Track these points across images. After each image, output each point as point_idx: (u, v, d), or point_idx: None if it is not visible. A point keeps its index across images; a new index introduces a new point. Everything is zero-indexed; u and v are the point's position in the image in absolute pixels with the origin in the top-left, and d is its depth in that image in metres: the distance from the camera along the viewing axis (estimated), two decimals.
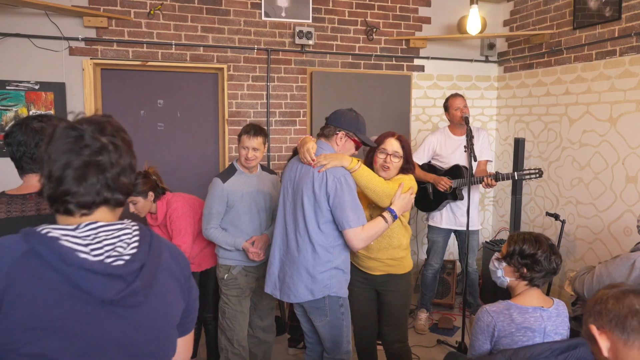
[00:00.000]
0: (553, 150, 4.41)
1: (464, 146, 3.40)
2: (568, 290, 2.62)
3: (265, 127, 4.24)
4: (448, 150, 3.96)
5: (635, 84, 3.63)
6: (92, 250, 0.99)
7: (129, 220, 1.11)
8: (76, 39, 3.82)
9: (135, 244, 1.05)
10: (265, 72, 4.32)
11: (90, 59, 3.88)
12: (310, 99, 4.47)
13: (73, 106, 3.84)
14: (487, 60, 5.03)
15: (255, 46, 4.28)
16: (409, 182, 2.57)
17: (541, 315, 1.87)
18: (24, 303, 0.93)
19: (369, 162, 2.64)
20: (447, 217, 4.00)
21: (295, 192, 2.35)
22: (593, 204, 4.02)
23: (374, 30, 4.60)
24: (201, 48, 4.15)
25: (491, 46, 4.93)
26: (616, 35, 3.76)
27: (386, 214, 2.37)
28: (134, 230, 1.08)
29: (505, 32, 4.89)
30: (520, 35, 4.69)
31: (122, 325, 1.01)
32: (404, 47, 4.73)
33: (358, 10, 4.56)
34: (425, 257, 4.21)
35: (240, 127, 4.28)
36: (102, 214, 1.06)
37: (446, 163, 3.94)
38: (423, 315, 4.12)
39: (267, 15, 4.29)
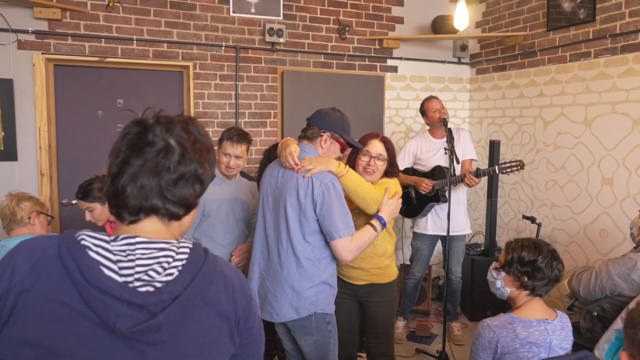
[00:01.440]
0: (527, 153, 4.38)
1: (445, 148, 3.28)
2: (566, 287, 2.54)
3: None
4: (428, 153, 3.85)
5: (610, 86, 3.62)
6: (122, 268, 0.85)
7: (184, 241, 0.94)
8: (26, 32, 3.48)
9: (175, 271, 0.88)
10: (234, 70, 4.10)
11: (42, 53, 3.55)
12: (282, 100, 4.27)
13: (21, 106, 3.50)
14: (459, 62, 4.98)
15: (223, 43, 4.04)
16: (395, 187, 2.42)
17: (546, 329, 1.74)
18: (29, 312, 0.81)
19: (351, 165, 2.48)
20: (434, 222, 3.83)
21: (277, 200, 2.15)
22: (568, 206, 3.99)
23: (347, 29, 4.45)
24: (165, 44, 3.88)
25: (464, 48, 4.88)
26: (590, 37, 3.75)
27: (375, 222, 2.20)
28: (181, 254, 0.90)
29: (477, 34, 4.84)
30: (493, 37, 4.66)
31: None
32: (377, 47, 4.61)
33: (330, 8, 4.40)
34: (407, 264, 4.06)
35: (207, 128, 4.06)
36: (152, 225, 0.93)
37: (427, 166, 3.81)
38: (400, 324, 3.98)
39: (235, 10, 4.07)
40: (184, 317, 0.88)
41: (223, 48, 4.05)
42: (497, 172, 3.55)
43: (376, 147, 2.45)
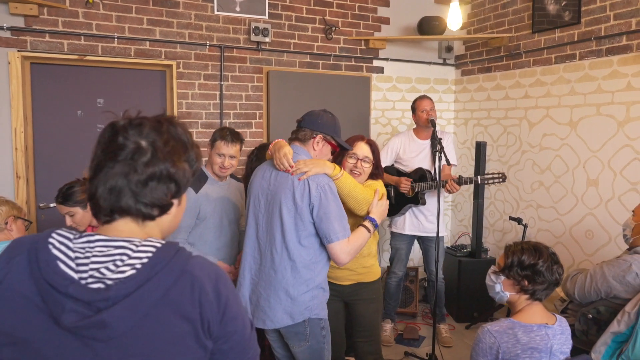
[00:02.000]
0: (513, 154, 4.40)
1: (436, 150, 3.25)
2: (558, 290, 2.53)
3: None
4: (411, 154, 3.84)
5: (595, 88, 3.66)
6: (79, 265, 0.88)
7: (152, 240, 0.93)
8: (0, 29, 3.34)
9: (130, 269, 0.88)
10: (219, 70, 4.01)
11: (18, 51, 3.41)
12: (267, 100, 4.20)
13: None
14: (444, 63, 4.97)
15: (208, 42, 3.95)
16: (381, 189, 2.45)
17: (547, 334, 1.72)
18: (1, 302, 0.87)
19: None
20: (411, 223, 3.86)
21: (271, 204, 2.08)
22: (554, 207, 4.02)
23: (333, 29, 4.40)
24: (147, 42, 3.77)
25: (449, 49, 4.88)
26: (576, 39, 3.78)
27: (367, 224, 2.18)
28: (140, 252, 0.90)
29: (463, 35, 4.85)
30: (479, 39, 4.67)
31: (89, 356, 0.86)
32: (363, 47, 4.57)
33: (316, 7, 4.35)
34: (388, 265, 4.05)
35: (191, 129, 3.96)
36: (125, 226, 0.94)
37: (409, 167, 3.80)
38: (388, 326, 3.95)
39: (220, 9, 3.98)
40: (136, 316, 0.86)
41: (207, 47, 3.96)
42: (479, 182, 3.57)
43: (362, 149, 2.48)
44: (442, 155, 3.24)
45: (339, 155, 2.50)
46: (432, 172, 3.78)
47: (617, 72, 3.50)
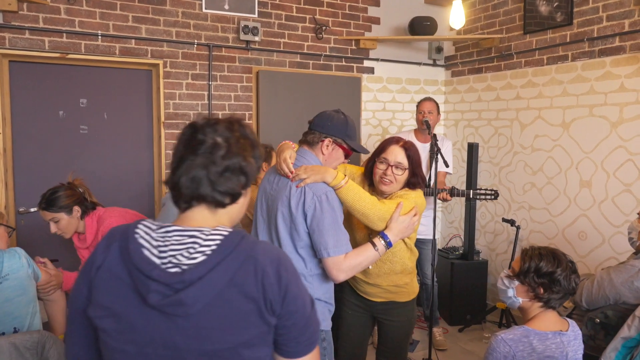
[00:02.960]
0: (504, 155, 4.38)
1: (434, 154, 3.19)
2: None
3: None
4: None
5: (588, 89, 3.65)
6: (161, 252, 1.02)
7: (220, 229, 1.06)
8: None
9: (201, 255, 1.02)
10: (207, 69, 3.89)
11: None
12: (257, 100, 4.09)
13: None
14: (434, 64, 4.94)
15: (195, 41, 3.83)
16: (412, 201, 2.14)
17: (561, 341, 1.66)
18: (103, 283, 1.04)
19: (369, 173, 2.28)
20: None
21: (270, 209, 1.98)
22: (547, 208, 4.01)
23: (324, 28, 4.33)
24: (133, 40, 3.63)
25: (439, 50, 4.85)
26: (568, 40, 3.78)
27: (377, 240, 1.96)
28: (210, 241, 1.04)
29: (453, 36, 4.82)
30: (470, 39, 4.64)
31: (170, 328, 1.01)
32: (354, 47, 4.50)
33: (306, 6, 4.26)
34: None
35: (179, 130, 3.82)
36: (200, 214, 1.09)
37: None
38: None
39: (208, 6, 3.86)
40: (208, 295, 0.99)
41: (195, 46, 3.84)
42: (471, 196, 3.56)
43: (395, 154, 2.17)
44: (439, 157, 3.18)
45: (370, 159, 2.28)
46: (427, 178, 3.74)
47: (610, 73, 3.50)
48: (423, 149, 3.75)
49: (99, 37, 3.52)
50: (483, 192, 3.51)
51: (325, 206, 1.86)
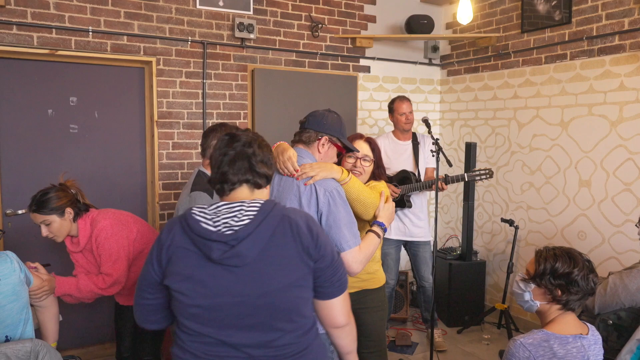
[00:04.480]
0: (502, 155, 4.35)
1: (432, 152, 3.14)
2: None
3: (202, 130, 3.72)
4: (393, 156, 3.77)
5: (587, 88, 3.64)
6: (215, 222, 1.32)
7: (257, 200, 1.38)
8: None
9: (247, 219, 1.32)
10: (201, 67, 3.79)
11: None
12: (252, 99, 4.01)
13: None
14: (430, 63, 4.90)
15: (189, 38, 3.73)
16: (386, 190, 2.32)
17: (582, 345, 1.61)
18: (174, 256, 1.35)
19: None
20: (397, 227, 3.75)
21: None
22: (545, 208, 3.98)
23: (320, 26, 4.26)
24: (125, 37, 3.52)
25: (435, 49, 4.81)
26: (566, 39, 3.75)
27: (376, 229, 2.06)
28: (251, 208, 1.34)
29: (449, 35, 4.79)
30: (466, 38, 4.61)
31: (233, 279, 1.30)
32: (350, 46, 4.44)
33: (302, 4, 4.19)
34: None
35: (172, 130, 3.73)
36: (242, 192, 1.41)
37: (391, 169, 3.70)
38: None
39: (202, 3, 3.76)
40: (258, 247, 1.30)
41: (189, 43, 3.74)
42: (467, 179, 3.51)
43: (362, 147, 2.37)
44: (442, 155, 3.13)
45: (338, 155, 2.38)
46: (417, 174, 3.71)
47: (610, 72, 3.49)
48: (405, 147, 3.76)
49: (90, 33, 3.40)
50: (477, 172, 3.48)
51: (339, 201, 1.91)
